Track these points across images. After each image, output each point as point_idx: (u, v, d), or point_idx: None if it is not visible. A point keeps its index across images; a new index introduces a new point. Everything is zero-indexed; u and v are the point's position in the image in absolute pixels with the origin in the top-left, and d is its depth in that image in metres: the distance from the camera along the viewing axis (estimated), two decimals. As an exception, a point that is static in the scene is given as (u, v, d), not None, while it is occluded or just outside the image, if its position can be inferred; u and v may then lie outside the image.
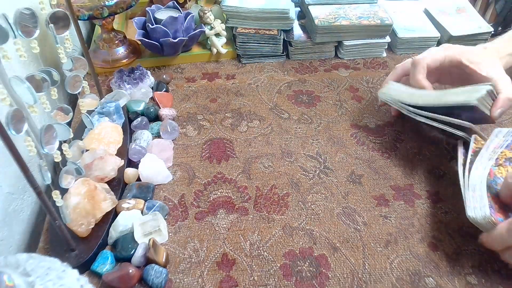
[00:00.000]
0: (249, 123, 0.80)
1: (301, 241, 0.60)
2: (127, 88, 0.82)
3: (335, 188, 0.68)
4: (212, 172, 0.70)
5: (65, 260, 0.43)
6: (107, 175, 0.64)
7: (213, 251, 0.59)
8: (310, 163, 0.72)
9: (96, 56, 0.92)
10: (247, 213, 0.64)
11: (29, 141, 0.45)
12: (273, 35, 0.93)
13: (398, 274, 0.56)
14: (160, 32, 0.86)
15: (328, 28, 0.92)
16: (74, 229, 0.56)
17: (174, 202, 0.65)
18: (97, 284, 0.55)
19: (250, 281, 0.55)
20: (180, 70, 0.94)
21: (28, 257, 0.40)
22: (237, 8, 0.92)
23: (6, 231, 0.60)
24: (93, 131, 0.68)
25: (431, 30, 0.99)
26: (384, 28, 0.94)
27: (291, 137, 0.77)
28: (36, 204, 0.69)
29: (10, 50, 0.45)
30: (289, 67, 0.95)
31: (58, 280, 0.39)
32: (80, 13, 0.78)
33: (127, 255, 0.56)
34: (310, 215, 0.64)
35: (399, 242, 0.60)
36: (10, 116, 0.42)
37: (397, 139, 0.77)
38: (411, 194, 0.67)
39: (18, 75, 0.46)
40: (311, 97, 0.87)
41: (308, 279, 0.56)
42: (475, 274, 0.56)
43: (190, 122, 0.80)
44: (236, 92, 0.87)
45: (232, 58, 0.97)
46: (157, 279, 0.54)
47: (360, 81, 0.91)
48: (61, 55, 0.57)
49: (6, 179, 0.61)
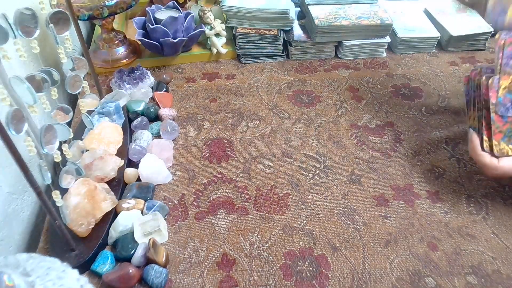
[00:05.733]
0: (249, 123, 0.80)
1: (301, 241, 0.60)
2: (127, 88, 0.82)
3: (335, 188, 0.68)
4: (212, 172, 0.70)
5: (65, 260, 0.43)
6: (107, 175, 0.64)
7: (213, 251, 0.59)
8: (310, 163, 0.72)
9: (96, 56, 0.92)
10: (247, 213, 0.64)
11: (29, 141, 0.45)
12: (273, 35, 0.93)
13: (398, 274, 0.56)
14: (160, 32, 0.86)
15: (328, 28, 0.92)
16: (74, 229, 0.56)
17: (174, 202, 0.65)
18: (97, 284, 0.55)
19: (250, 281, 0.55)
20: (180, 70, 0.94)
21: (28, 257, 0.40)
22: (237, 8, 0.92)
23: (6, 231, 0.60)
24: (93, 131, 0.68)
25: (431, 30, 0.99)
26: (384, 28, 0.94)
27: (291, 137, 0.77)
28: (36, 204, 0.69)
29: (10, 50, 0.45)
30: (289, 67, 0.95)
31: (58, 280, 0.39)
32: (80, 13, 0.78)
33: (127, 255, 0.56)
34: (310, 215, 0.64)
35: (399, 242, 0.60)
36: (10, 116, 0.42)
37: (397, 139, 0.77)
38: (411, 194, 0.67)
39: (18, 75, 0.46)
40: (311, 97, 0.87)
41: (308, 279, 0.56)
42: (475, 274, 0.56)
43: (190, 122, 0.80)
44: (236, 92, 0.87)
45: (232, 58, 0.97)
46: (157, 279, 0.54)
47: (360, 81, 0.91)
48: (61, 55, 0.57)
49: (6, 179, 0.61)
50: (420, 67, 0.95)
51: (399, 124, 0.80)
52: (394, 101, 0.86)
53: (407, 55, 0.99)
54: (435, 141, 0.76)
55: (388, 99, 0.86)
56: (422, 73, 0.94)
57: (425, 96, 0.87)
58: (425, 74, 0.93)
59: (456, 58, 0.98)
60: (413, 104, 0.85)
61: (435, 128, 0.79)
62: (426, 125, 0.80)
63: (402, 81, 0.91)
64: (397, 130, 0.79)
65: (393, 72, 0.94)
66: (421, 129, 0.79)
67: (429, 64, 0.96)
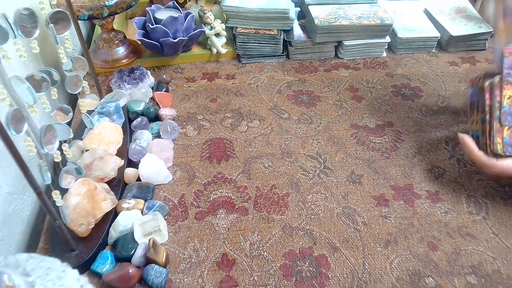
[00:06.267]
0: (249, 123, 0.80)
1: (301, 241, 0.60)
2: (127, 88, 0.82)
3: (335, 188, 0.68)
4: (212, 172, 0.70)
5: (65, 260, 0.43)
6: (107, 175, 0.64)
7: (213, 251, 0.59)
8: (310, 163, 0.72)
9: (96, 56, 0.92)
10: (247, 213, 0.64)
11: (29, 141, 0.45)
12: (273, 35, 0.93)
13: (398, 274, 0.56)
14: (160, 32, 0.86)
15: (328, 28, 0.92)
16: (74, 229, 0.56)
17: (174, 202, 0.65)
18: (97, 284, 0.55)
19: (250, 281, 0.55)
20: (180, 70, 0.94)
21: (28, 257, 0.40)
22: (237, 8, 0.92)
23: (6, 231, 0.60)
24: (93, 131, 0.68)
25: (431, 30, 0.99)
26: (384, 28, 0.94)
27: (291, 137, 0.77)
28: (36, 204, 0.69)
29: (10, 50, 0.45)
30: (289, 67, 0.95)
31: (58, 280, 0.39)
32: (80, 13, 0.78)
33: (127, 255, 0.56)
34: (310, 215, 0.64)
35: (399, 242, 0.60)
36: (10, 116, 0.42)
37: (397, 139, 0.77)
38: (411, 194, 0.67)
39: (18, 75, 0.46)
40: (311, 97, 0.87)
41: (308, 279, 0.56)
42: (475, 274, 0.56)
43: (190, 122, 0.80)
44: (236, 92, 0.87)
45: (232, 58, 0.97)
46: (157, 279, 0.54)
47: (360, 81, 0.91)
48: (61, 55, 0.57)
49: (6, 179, 0.61)
50: (420, 67, 0.95)
51: (399, 124, 0.80)
52: (394, 101, 0.86)
53: (407, 55, 0.99)
54: (435, 141, 0.76)
55: (388, 99, 0.86)
56: (422, 73, 0.94)
57: (425, 96, 0.87)
58: (425, 74, 0.93)
59: (456, 58, 0.98)
60: (413, 104, 0.85)
61: (435, 128, 0.79)
62: (426, 125, 0.80)
63: (402, 81, 0.91)
64: (397, 130, 0.79)
65: (393, 72, 0.94)
66: (421, 129, 0.79)
67: (429, 64, 0.96)
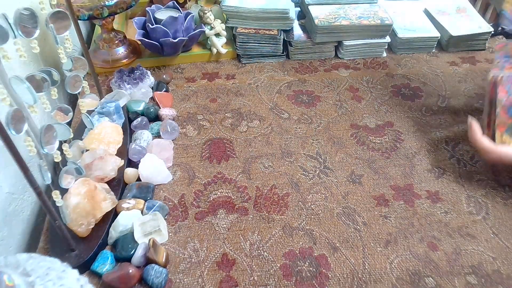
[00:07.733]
0: (249, 123, 0.80)
1: (301, 241, 0.60)
2: (127, 88, 0.82)
3: (335, 188, 0.68)
4: (212, 172, 0.70)
5: (65, 260, 0.43)
6: (107, 175, 0.64)
7: (213, 251, 0.59)
8: (310, 163, 0.72)
9: (96, 56, 0.92)
10: (247, 213, 0.64)
11: (29, 141, 0.45)
12: (273, 35, 0.93)
13: (398, 274, 0.56)
14: (160, 32, 0.86)
15: (328, 28, 0.92)
16: (74, 229, 0.56)
17: (174, 202, 0.65)
18: (97, 284, 0.55)
19: (250, 281, 0.55)
20: (180, 70, 0.94)
21: (28, 257, 0.40)
22: (237, 8, 0.92)
23: (6, 231, 0.60)
24: (93, 131, 0.68)
25: (431, 30, 0.99)
26: (384, 28, 0.94)
27: (291, 137, 0.77)
28: (36, 204, 0.69)
29: (10, 50, 0.45)
30: (289, 67, 0.95)
31: (58, 280, 0.39)
32: (80, 13, 0.78)
33: (127, 255, 0.56)
34: (310, 215, 0.64)
35: (399, 242, 0.60)
36: (10, 116, 0.42)
37: (397, 139, 0.77)
38: (411, 194, 0.67)
39: (18, 75, 0.46)
40: (311, 97, 0.87)
41: (308, 279, 0.56)
42: (475, 274, 0.56)
43: (190, 122, 0.80)
44: (236, 92, 0.87)
45: (232, 58, 0.97)
46: (157, 279, 0.54)
47: (360, 81, 0.91)
48: (61, 55, 0.57)
49: (6, 179, 0.61)
50: (420, 67, 0.95)
51: (399, 124, 0.80)
52: (394, 101, 0.86)
53: (407, 55, 0.99)
54: (435, 141, 0.76)
55: (388, 99, 0.86)
56: (422, 73, 0.94)
57: (425, 96, 0.87)
58: (425, 74, 0.93)
59: (456, 58, 0.98)
60: (413, 104, 0.85)
61: (435, 128, 0.79)
62: (426, 125, 0.80)
63: (402, 81, 0.91)
64: (397, 130, 0.79)
65: (393, 72, 0.94)
66: (421, 129, 0.79)
67: (429, 64, 0.96)
